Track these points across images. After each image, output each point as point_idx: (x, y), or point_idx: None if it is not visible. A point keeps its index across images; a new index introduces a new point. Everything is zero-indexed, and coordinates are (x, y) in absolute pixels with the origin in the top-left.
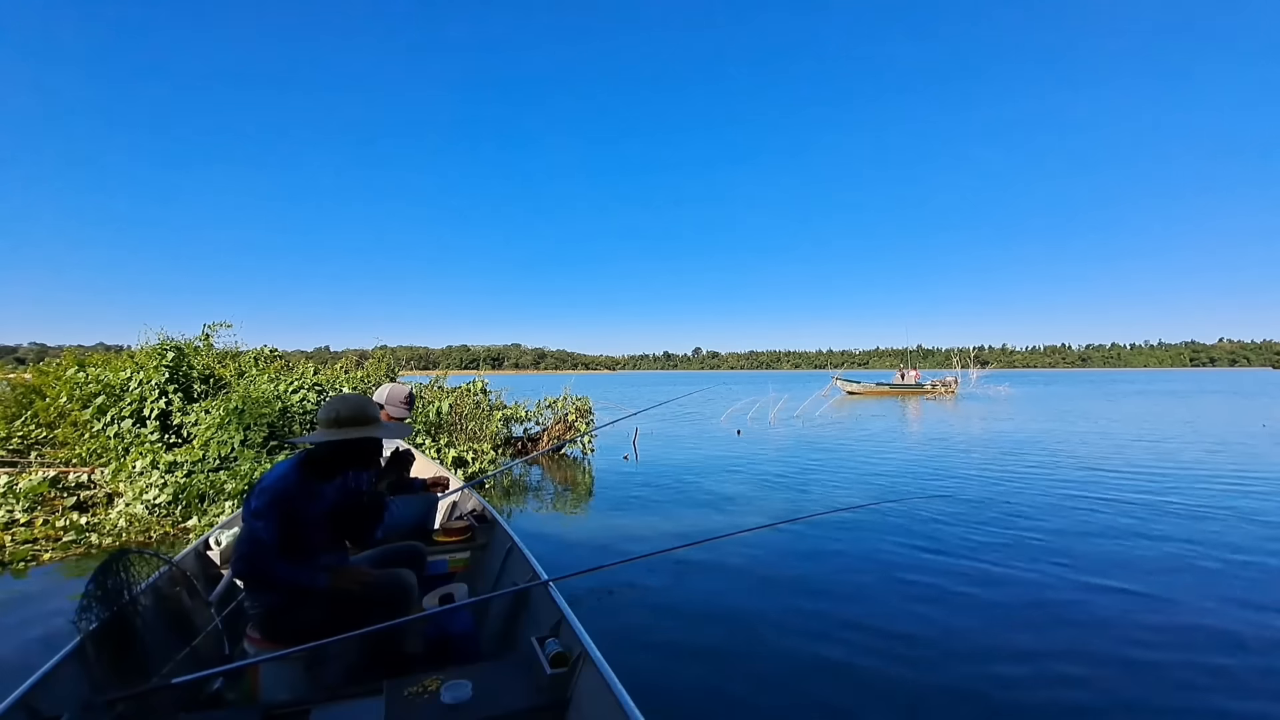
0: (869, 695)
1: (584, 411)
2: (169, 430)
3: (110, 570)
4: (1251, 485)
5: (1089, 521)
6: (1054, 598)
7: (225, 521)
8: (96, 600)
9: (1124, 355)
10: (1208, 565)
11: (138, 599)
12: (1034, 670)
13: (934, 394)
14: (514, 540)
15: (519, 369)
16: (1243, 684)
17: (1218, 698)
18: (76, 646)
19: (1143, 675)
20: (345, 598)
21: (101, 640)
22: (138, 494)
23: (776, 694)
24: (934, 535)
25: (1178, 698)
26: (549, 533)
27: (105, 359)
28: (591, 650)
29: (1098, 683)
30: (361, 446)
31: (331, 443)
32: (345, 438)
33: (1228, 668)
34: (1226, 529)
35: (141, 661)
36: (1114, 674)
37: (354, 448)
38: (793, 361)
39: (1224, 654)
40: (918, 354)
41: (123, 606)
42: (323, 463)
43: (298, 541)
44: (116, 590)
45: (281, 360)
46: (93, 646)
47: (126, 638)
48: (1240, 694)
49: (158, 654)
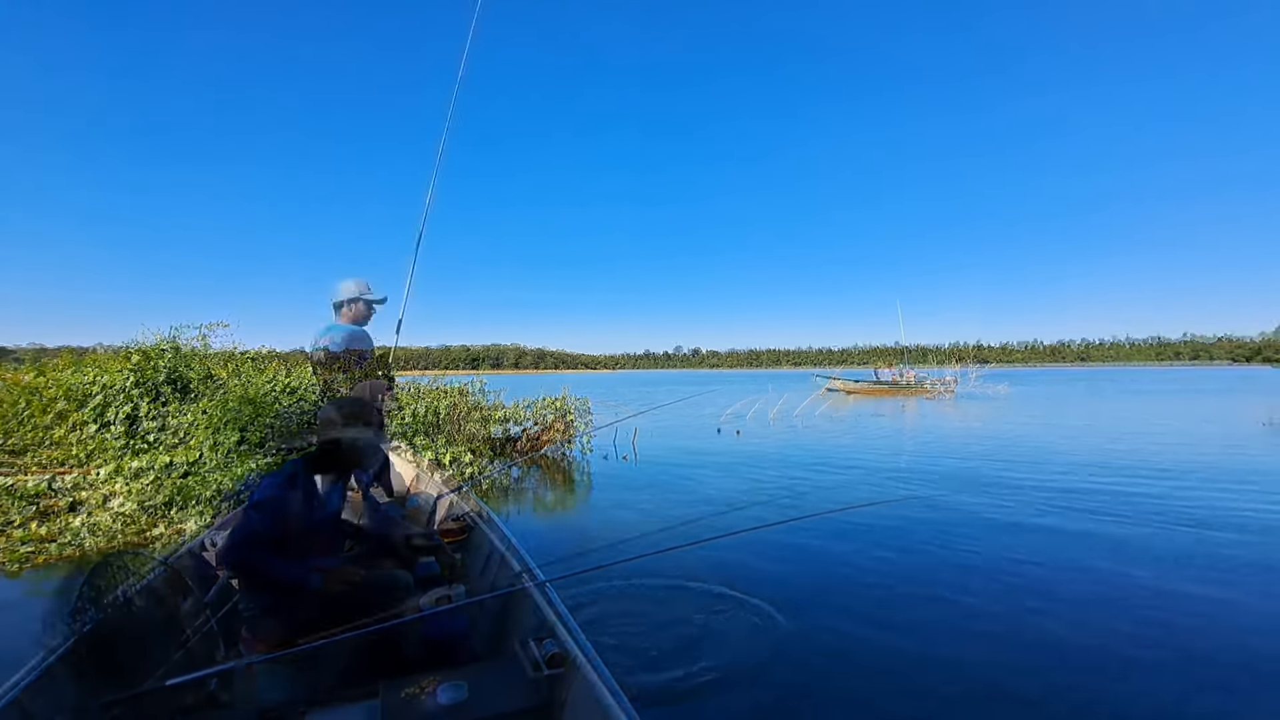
0: (871, 699)
1: (583, 411)
2: (165, 431)
3: (104, 571)
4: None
5: (1089, 514)
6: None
7: (222, 522)
8: (90, 601)
9: (1123, 352)
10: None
11: (132, 600)
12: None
13: (933, 393)
14: (509, 541)
15: (519, 369)
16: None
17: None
18: (69, 648)
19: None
20: (339, 597)
21: (95, 641)
22: (131, 495)
23: (773, 696)
24: (933, 536)
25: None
26: (545, 534)
27: (101, 360)
28: (586, 652)
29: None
30: (360, 447)
31: (331, 443)
32: (344, 437)
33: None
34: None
35: (135, 663)
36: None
37: (353, 448)
38: (793, 360)
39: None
40: (917, 353)
41: (117, 607)
42: (323, 463)
43: (296, 541)
44: (110, 591)
45: (279, 361)
46: (86, 648)
47: (120, 639)
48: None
49: (152, 655)
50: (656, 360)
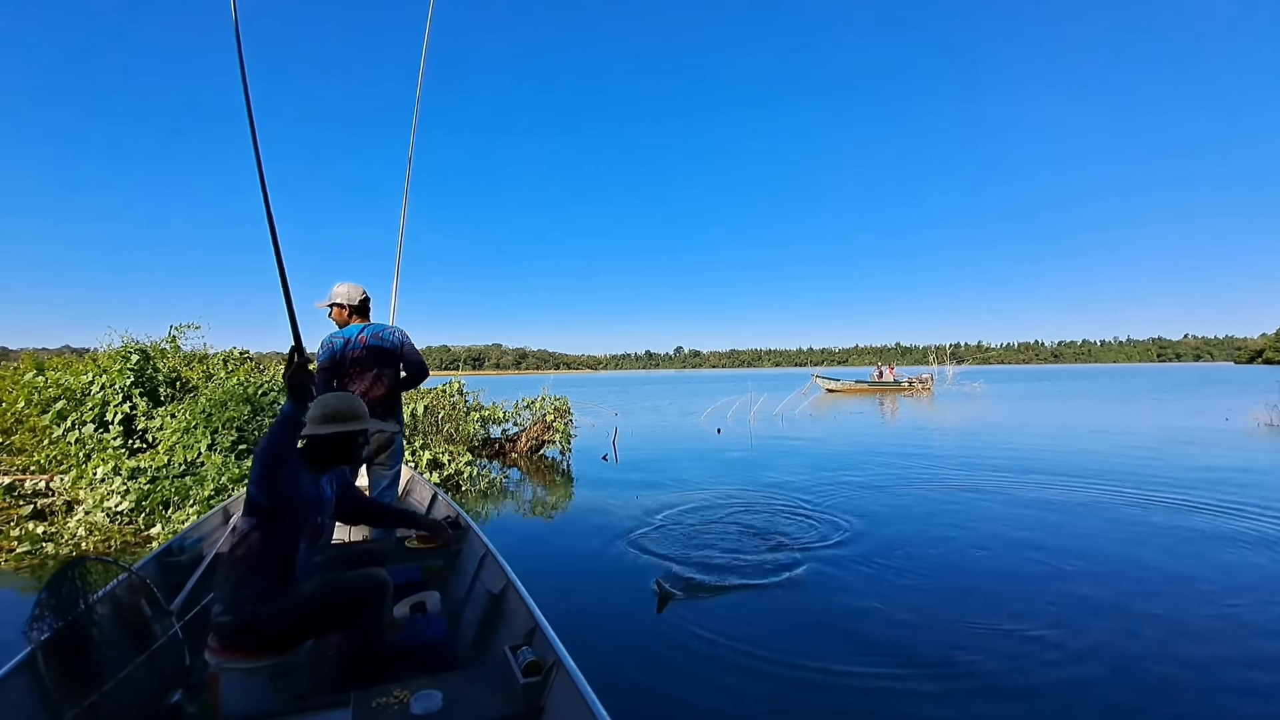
0: (856, 709)
1: (562, 411)
2: (133, 435)
3: (65, 578)
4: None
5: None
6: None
7: (188, 528)
8: (50, 609)
9: (1094, 351)
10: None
11: (94, 607)
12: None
13: (911, 391)
14: (488, 547)
15: (500, 369)
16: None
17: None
18: (26, 657)
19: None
20: (317, 598)
21: (53, 651)
22: (98, 501)
23: (754, 705)
24: (924, 537)
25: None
26: (524, 537)
27: (66, 362)
28: (565, 659)
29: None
30: (351, 440)
31: (322, 437)
32: (337, 431)
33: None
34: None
35: (96, 672)
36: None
37: (344, 441)
38: (774, 360)
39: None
40: (896, 351)
41: (77, 616)
42: (315, 457)
43: (293, 523)
44: (71, 599)
45: (252, 362)
46: (44, 657)
47: (81, 648)
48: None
49: (113, 664)
50: (640, 361)
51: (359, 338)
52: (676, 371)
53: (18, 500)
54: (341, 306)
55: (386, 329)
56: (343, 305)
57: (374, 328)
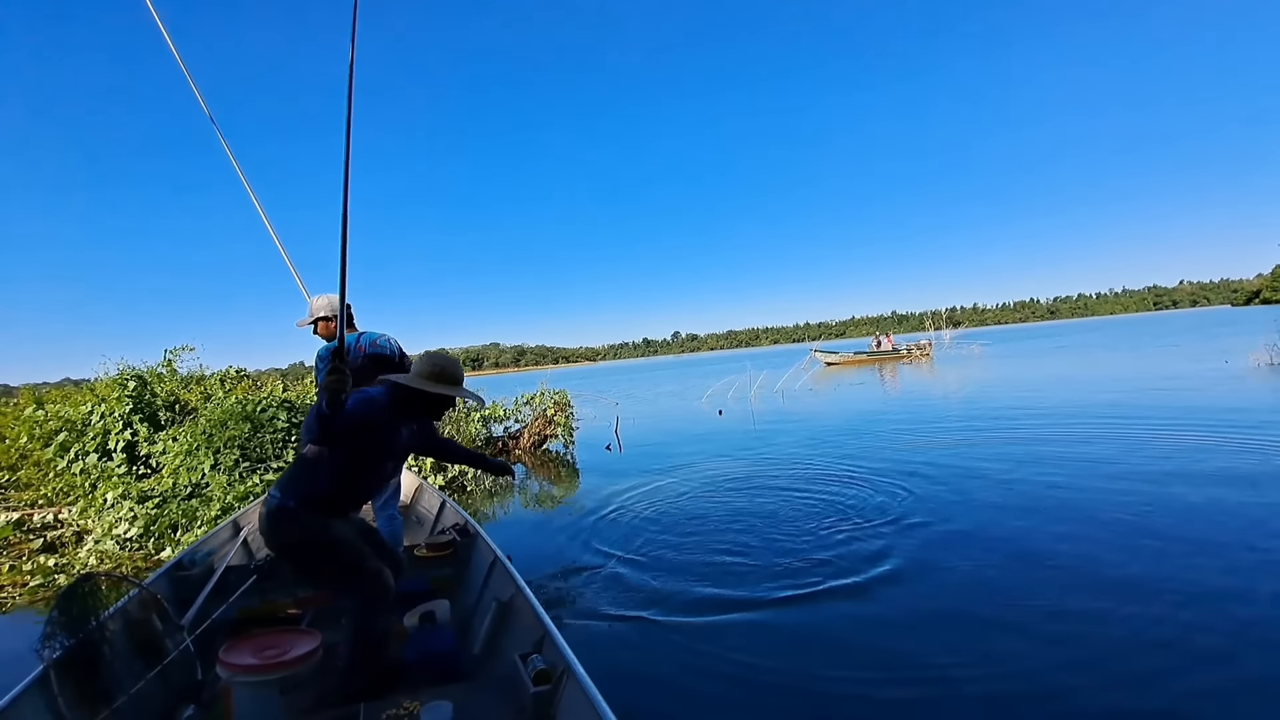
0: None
1: (562, 405)
2: (136, 462)
3: (75, 596)
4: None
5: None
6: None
7: (199, 541)
8: (61, 627)
9: (1090, 305)
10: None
11: (105, 624)
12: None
13: (910, 358)
14: (496, 554)
15: (499, 368)
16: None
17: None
18: (39, 675)
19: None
20: (345, 540)
21: (65, 668)
22: (107, 529)
23: (771, 711)
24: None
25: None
26: (531, 539)
27: (64, 394)
28: (575, 667)
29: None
30: (444, 403)
31: (421, 393)
32: (440, 392)
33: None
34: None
35: (107, 689)
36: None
37: (438, 402)
38: (771, 337)
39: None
40: (892, 320)
41: (88, 633)
42: (405, 407)
43: (366, 449)
44: (82, 616)
45: (249, 380)
46: (56, 675)
47: (92, 664)
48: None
49: (125, 680)
50: (639, 349)
51: (357, 347)
52: (675, 356)
53: (27, 535)
54: (328, 320)
55: (380, 336)
56: (328, 318)
57: (369, 335)
